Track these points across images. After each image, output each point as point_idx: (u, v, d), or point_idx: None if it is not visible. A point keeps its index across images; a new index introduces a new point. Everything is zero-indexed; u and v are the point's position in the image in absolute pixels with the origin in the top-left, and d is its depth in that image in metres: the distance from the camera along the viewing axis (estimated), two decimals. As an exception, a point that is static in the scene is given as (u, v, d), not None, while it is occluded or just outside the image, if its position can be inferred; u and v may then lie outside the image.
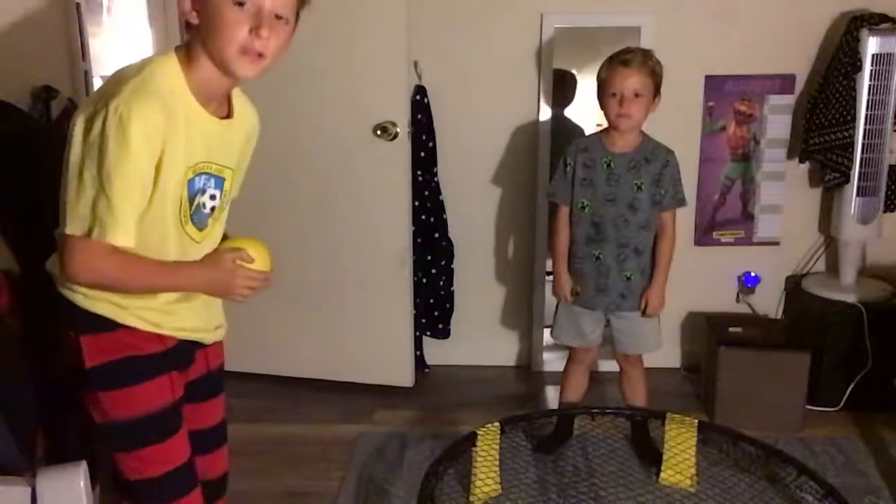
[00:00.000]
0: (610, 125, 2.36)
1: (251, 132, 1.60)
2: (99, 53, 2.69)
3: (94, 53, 2.57)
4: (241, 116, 1.53)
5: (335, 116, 2.86)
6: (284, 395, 3.06)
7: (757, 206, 3.16)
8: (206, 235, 1.51)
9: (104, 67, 2.64)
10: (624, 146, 2.36)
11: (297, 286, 2.96)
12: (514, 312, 3.32)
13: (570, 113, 3.36)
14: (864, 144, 2.85)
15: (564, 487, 2.41)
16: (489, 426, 2.07)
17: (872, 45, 2.78)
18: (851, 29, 2.81)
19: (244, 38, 1.33)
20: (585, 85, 3.18)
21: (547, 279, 3.01)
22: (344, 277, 3.01)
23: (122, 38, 3.05)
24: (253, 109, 1.61)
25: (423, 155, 3.02)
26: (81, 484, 1.52)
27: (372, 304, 3.01)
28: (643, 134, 2.39)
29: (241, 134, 1.55)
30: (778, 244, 3.19)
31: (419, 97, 3.00)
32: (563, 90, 3.24)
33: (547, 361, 3.30)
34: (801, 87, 3.06)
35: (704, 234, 3.20)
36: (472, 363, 3.31)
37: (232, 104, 1.51)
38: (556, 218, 2.50)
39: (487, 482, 2.13)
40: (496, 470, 2.15)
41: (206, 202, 1.48)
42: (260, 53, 1.35)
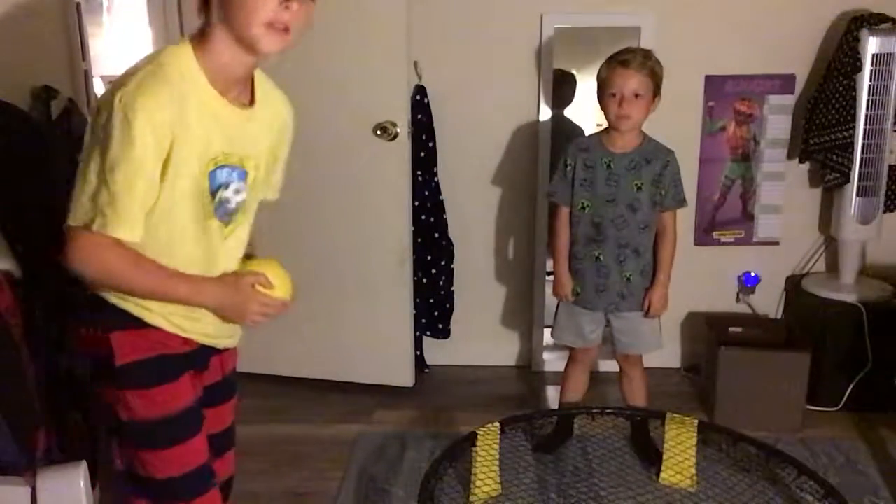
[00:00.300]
0: (610, 125, 2.36)
1: (281, 121, 1.54)
2: (99, 53, 2.70)
3: (94, 53, 2.57)
4: (265, 104, 1.48)
5: (335, 116, 2.85)
6: (284, 395, 3.06)
7: (757, 206, 3.16)
8: (231, 232, 1.47)
9: (104, 67, 2.64)
10: (624, 146, 2.36)
11: (296, 286, 2.95)
12: (514, 312, 3.32)
13: (570, 113, 3.36)
14: (864, 144, 2.85)
15: (564, 487, 2.40)
16: (489, 426, 2.06)
17: (872, 45, 2.78)
18: (851, 29, 2.81)
19: (273, 9, 1.30)
20: (585, 85, 3.18)
21: (547, 279, 3.01)
22: (344, 277, 3.01)
23: (122, 38, 3.05)
24: (283, 97, 1.56)
25: (423, 155, 3.02)
26: (81, 484, 1.53)
27: (372, 303, 3.01)
28: (643, 134, 2.39)
29: (266, 123, 1.49)
30: (778, 244, 3.19)
31: (419, 97, 3.00)
32: (562, 90, 3.24)
33: (547, 361, 3.30)
34: (801, 87, 3.06)
35: (704, 234, 3.20)
36: (472, 363, 3.31)
37: (255, 92, 1.46)
38: (556, 218, 2.50)
39: (487, 482, 2.13)
40: (496, 470, 2.14)
41: (229, 196, 1.43)
42: (286, 28, 1.32)
